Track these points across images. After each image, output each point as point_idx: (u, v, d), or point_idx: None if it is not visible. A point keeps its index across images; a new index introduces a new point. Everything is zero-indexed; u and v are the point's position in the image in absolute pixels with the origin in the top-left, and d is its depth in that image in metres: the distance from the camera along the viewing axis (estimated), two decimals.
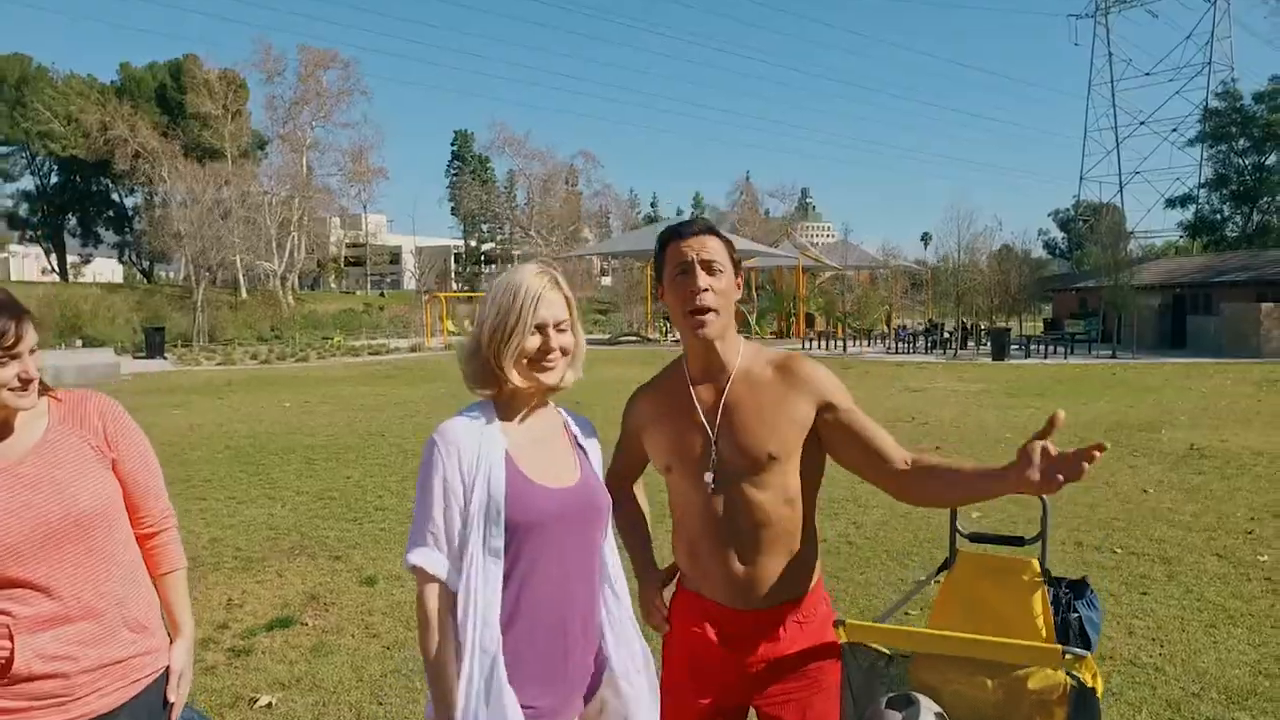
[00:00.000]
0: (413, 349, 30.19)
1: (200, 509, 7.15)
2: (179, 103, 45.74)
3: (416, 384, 18.15)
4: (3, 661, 1.71)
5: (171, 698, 2.00)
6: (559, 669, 1.89)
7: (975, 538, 2.32)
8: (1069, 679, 2.07)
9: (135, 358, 24.73)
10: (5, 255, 59.36)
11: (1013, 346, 25.89)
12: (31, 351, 1.75)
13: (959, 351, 27.19)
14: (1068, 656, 1.77)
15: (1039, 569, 2.15)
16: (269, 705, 3.78)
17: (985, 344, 27.21)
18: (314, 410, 13.74)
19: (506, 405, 1.93)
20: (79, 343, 25.93)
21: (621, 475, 2.30)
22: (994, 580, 2.21)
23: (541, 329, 1.84)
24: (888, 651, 2.34)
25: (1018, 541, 2.28)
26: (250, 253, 41.75)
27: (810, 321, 36.80)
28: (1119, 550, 5.80)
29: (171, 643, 2.03)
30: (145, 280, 55.04)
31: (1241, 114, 46.55)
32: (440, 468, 1.79)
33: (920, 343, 29.14)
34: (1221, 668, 4.02)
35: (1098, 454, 1.48)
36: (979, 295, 29.86)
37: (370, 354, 27.70)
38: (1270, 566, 5.42)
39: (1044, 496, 2.15)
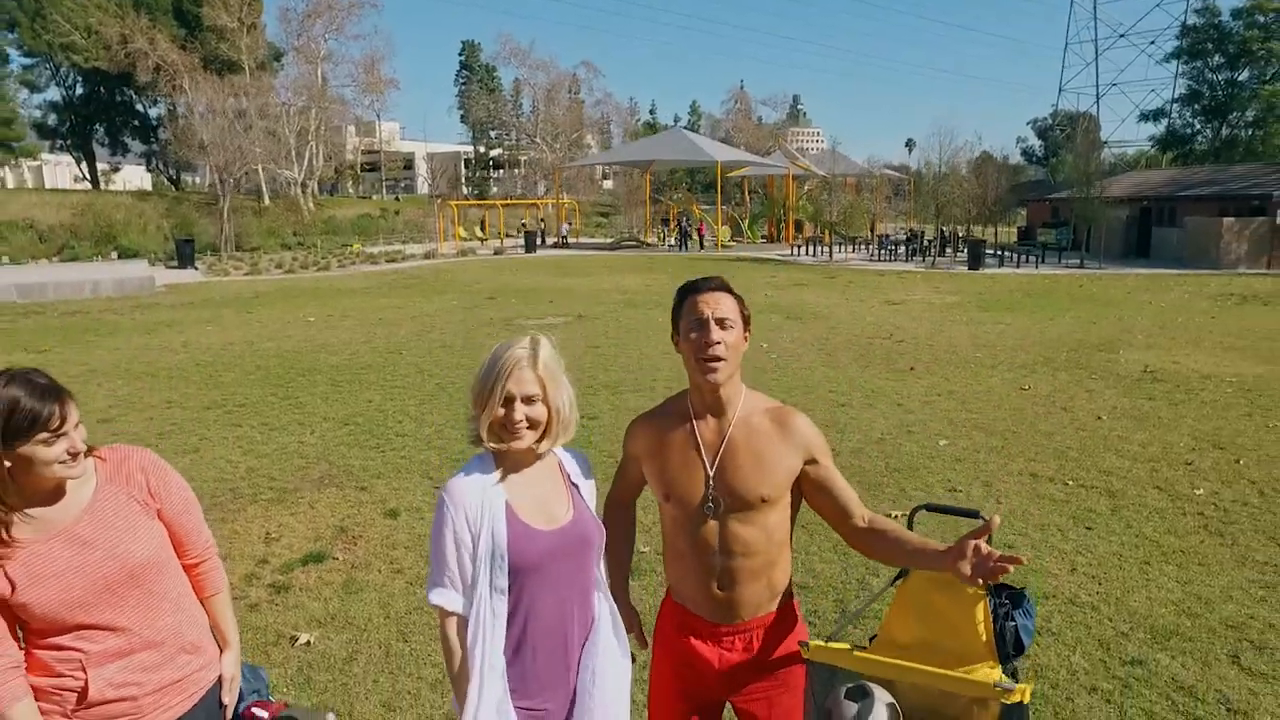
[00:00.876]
0: (427, 255, 29.98)
1: (236, 437, 7.29)
2: (195, 16, 43.92)
3: (431, 295, 18.13)
4: (79, 690, 1.84)
5: (225, 700, 2.14)
6: (562, 676, 2.03)
7: None
8: (999, 682, 2.20)
9: (168, 268, 24.57)
10: (38, 163, 58.20)
11: (988, 255, 25.72)
12: (76, 426, 1.80)
13: (937, 260, 27.02)
14: (998, 689, 1.89)
15: (983, 594, 2.25)
16: (308, 643, 3.97)
17: (962, 252, 27.06)
18: (336, 325, 13.78)
19: (505, 456, 1.99)
20: (114, 254, 25.71)
21: (619, 501, 2.37)
22: (943, 591, 2.31)
23: (509, 402, 1.91)
24: (849, 647, 2.46)
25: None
26: (271, 162, 40.94)
27: (799, 227, 36.44)
28: (1070, 483, 5.95)
29: (221, 653, 2.16)
30: (173, 187, 54.15)
31: (1219, 30, 44.95)
32: (450, 523, 1.89)
33: (901, 250, 28.93)
34: (1150, 606, 4.19)
35: (1011, 568, 1.70)
36: (957, 206, 29.51)
37: (388, 261, 27.53)
38: (1203, 500, 5.57)
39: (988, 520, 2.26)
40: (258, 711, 3.16)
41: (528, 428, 1.93)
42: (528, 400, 1.92)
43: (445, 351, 11.30)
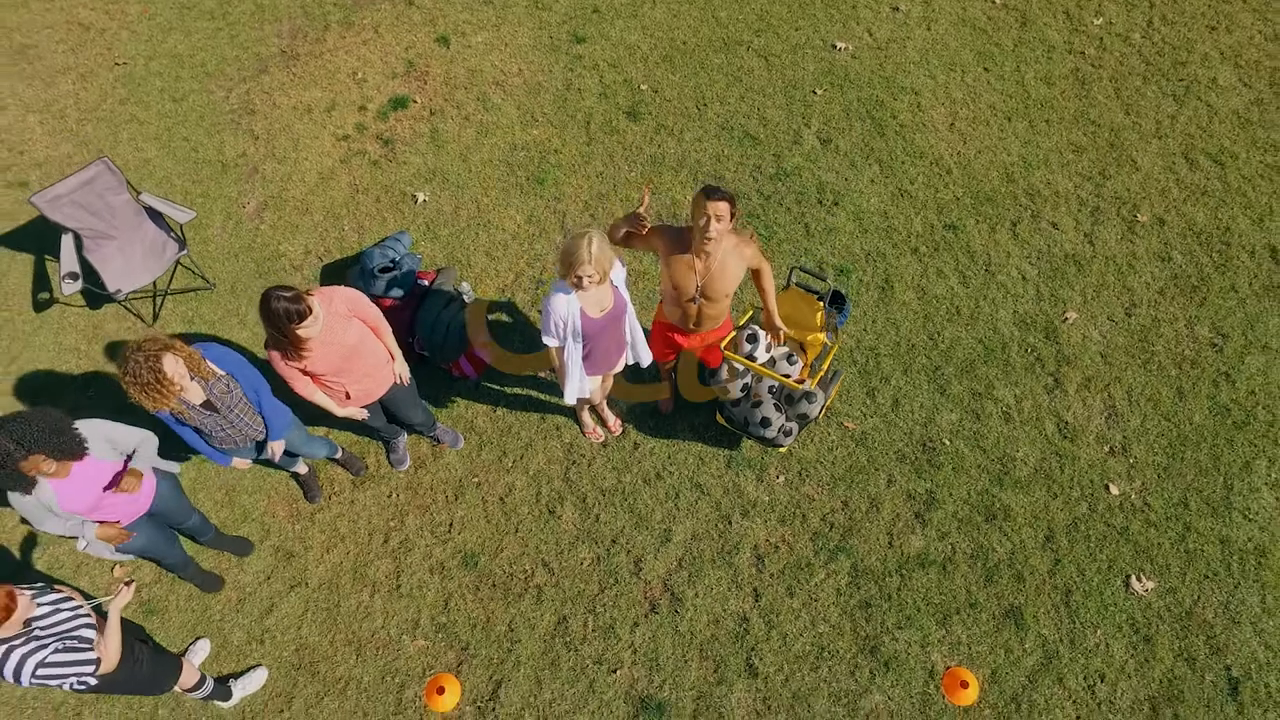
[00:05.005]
0: None
1: None
2: None
3: None
4: (344, 392, 3.47)
5: (400, 381, 3.71)
6: (608, 360, 3.62)
7: (801, 285, 3.69)
8: (825, 341, 3.79)
9: None
10: None
11: None
12: (315, 309, 3.01)
13: None
14: (804, 387, 3.48)
15: (822, 305, 3.62)
16: (424, 202, 5.18)
17: None
18: None
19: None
20: None
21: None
22: (803, 301, 3.66)
23: (579, 275, 3.07)
24: (751, 313, 3.96)
25: (819, 295, 3.66)
26: None
27: None
28: (997, 0, 6.09)
29: (393, 359, 3.64)
30: None
31: None
32: (553, 320, 3.25)
33: None
34: (987, 171, 5.16)
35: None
36: None
37: None
38: (1094, 35, 5.80)
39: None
40: (421, 281, 4.80)
41: (590, 280, 3.10)
42: (589, 275, 3.06)
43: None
